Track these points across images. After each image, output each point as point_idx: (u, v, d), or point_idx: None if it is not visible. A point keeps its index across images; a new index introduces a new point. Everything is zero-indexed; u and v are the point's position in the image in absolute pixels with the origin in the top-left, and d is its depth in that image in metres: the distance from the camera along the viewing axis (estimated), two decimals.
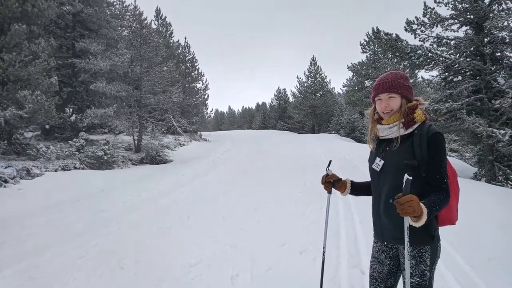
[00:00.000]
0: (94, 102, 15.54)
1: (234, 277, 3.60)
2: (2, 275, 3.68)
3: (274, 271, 3.72)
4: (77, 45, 14.50)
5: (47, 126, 13.40)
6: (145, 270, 3.83)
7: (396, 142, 1.79)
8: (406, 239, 1.61)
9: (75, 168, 10.41)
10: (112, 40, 16.24)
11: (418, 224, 1.55)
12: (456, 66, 11.85)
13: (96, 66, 13.58)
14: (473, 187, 8.18)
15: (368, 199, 2.03)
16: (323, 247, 2.32)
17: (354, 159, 12.53)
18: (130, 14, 20.66)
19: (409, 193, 1.51)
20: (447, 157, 1.77)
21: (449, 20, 12.13)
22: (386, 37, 12.45)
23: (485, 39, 11.56)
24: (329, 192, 2.28)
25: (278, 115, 45.18)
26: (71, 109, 16.18)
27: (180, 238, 4.97)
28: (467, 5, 11.46)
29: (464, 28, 12.19)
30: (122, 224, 5.66)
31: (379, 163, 1.89)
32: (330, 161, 2.35)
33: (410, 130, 1.77)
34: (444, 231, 1.83)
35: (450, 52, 12.15)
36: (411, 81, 1.91)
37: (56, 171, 9.76)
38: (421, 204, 1.53)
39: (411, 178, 1.52)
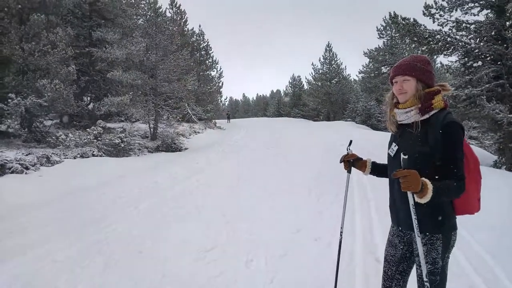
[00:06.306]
0: (111, 90, 15.78)
1: (249, 262, 3.67)
2: (27, 258, 3.85)
3: (289, 257, 3.77)
4: (94, 34, 14.66)
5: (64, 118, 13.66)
6: (162, 255, 3.93)
7: (415, 128, 1.73)
8: (413, 215, 1.63)
9: (93, 155, 10.65)
10: (127, 29, 16.36)
11: (422, 200, 1.56)
12: (476, 51, 11.47)
13: (113, 55, 13.75)
14: (493, 175, 8.00)
15: (386, 184, 2.03)
16: (341, 228, 2.28)
17: (369, 147, 12.39)
18: (145, 2, 20.75)
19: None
20: (470, 144, 1.73)
21: (469, 4, 11.70)
22: (404, 22, 12.13)
23: (507, 23, 11.12)
24: (349, 172, 2.24)
25: (293, 103, 44.90)
26: (88, 98, 16.47)
27: (195, 223, 5.06)
28: None
29: (484, 11, 11.75)
30: (139, 209, 5.80)
31: (393, 148, 1.88)
32: (351, 141, 2.35)
33: (426, 116, 1.72)
34: (462, 220, 1.81)
35: (470, 36, 11.76)
36: None
37: (75, 158, 10.01)
38: (426, 180, 1.54)
39: (406, 157, 1.58)
